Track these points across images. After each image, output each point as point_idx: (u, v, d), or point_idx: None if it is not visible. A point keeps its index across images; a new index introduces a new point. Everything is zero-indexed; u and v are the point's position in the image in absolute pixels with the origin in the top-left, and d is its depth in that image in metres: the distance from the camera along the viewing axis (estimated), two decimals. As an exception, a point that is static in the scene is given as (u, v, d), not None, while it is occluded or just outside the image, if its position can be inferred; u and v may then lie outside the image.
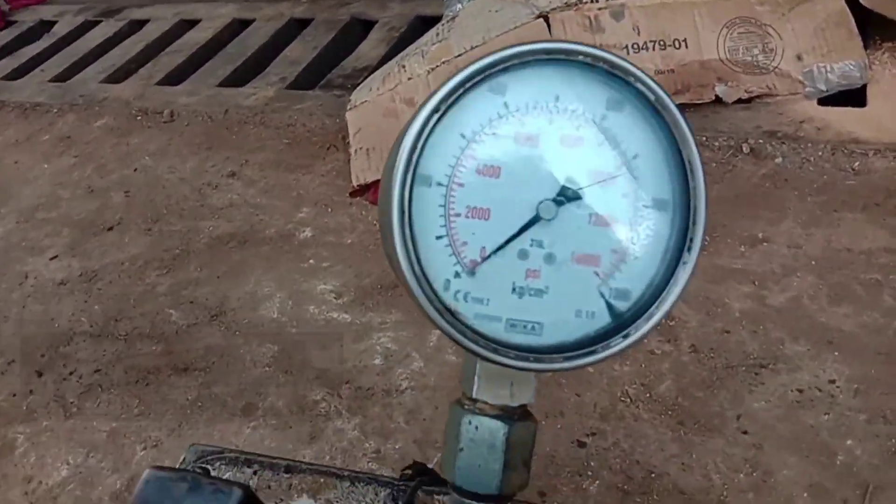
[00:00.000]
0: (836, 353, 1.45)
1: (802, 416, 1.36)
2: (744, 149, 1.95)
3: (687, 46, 2.09)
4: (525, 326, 0.44)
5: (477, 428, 0.47)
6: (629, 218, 0.44)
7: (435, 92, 0.42)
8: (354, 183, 2.09)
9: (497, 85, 0.43)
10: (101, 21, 3.56)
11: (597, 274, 0.44)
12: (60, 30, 3.56)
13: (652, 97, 0.43)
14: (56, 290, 2.05)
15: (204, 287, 1.93)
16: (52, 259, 2.17)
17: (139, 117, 2.74)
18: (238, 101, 2.68)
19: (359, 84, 2.39)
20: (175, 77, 2.97)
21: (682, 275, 0.44)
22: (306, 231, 2.05)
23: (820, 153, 1.90)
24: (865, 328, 1.48)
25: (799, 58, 2.07)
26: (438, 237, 0.43)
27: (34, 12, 3.79)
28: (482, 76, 0.42)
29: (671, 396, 1.45)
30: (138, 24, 3.45)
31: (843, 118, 1.98)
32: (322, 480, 0.79)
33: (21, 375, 1.81)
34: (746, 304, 1.58)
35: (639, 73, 0.43)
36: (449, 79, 0.42)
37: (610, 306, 0.44)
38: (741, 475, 1.30)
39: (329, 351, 1.68)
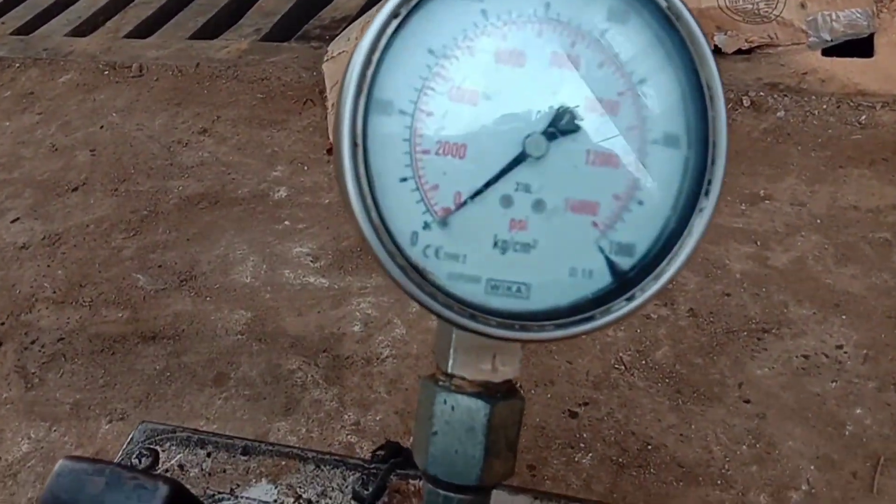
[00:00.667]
0: (844, 317, 1.37)
1: (808, 384, 1.29)
2: (744, 102, 1.86)
3: (685, -7, 1.98)
4: (509, 288, 0.38)
5: (453, 408, 0.40)
6: (634, 156, 0.38)
7: None
8: (332, 139, 1.98)
9: None
10: (66, -29, 3.39)
11: (595, 224, 0.38)
12: (23, -20, 3.39)
13: (664, 4, 0.36)
14: (17, 255, 1.94)
15: (173, 250, 1.83)
16: (13, 222, 2.06)
17: (106, 72, 2.61)
18: (210, 55, 2.54)
19: (337, 35, 2.27)
20: (144, 29, 2.85)
21: (699, 224, 0.37)
22: (281, 191, 1.94)
23: (824, 106, 1.80)
24: (874, 290, 1.40)
25: (802, 5, 1.96)
26: (403, 179, 0.36)
27: (-4, -38, 3.61)
28: None
29: (668, 363, 1.37)
30: (105, -26, 3.28)
31: (848, 69, 1.88)
32: (284, 463, 0.72)
33: (-21, 345, 1.71)
34: (748, 266, 1.49)
35: None
36: None
37: (610, 263, 0.38)
38: (743, 447, 1.23)
39: (305, 317, 1.58)
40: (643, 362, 1.38)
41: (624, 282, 0.38)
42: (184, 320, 1.65)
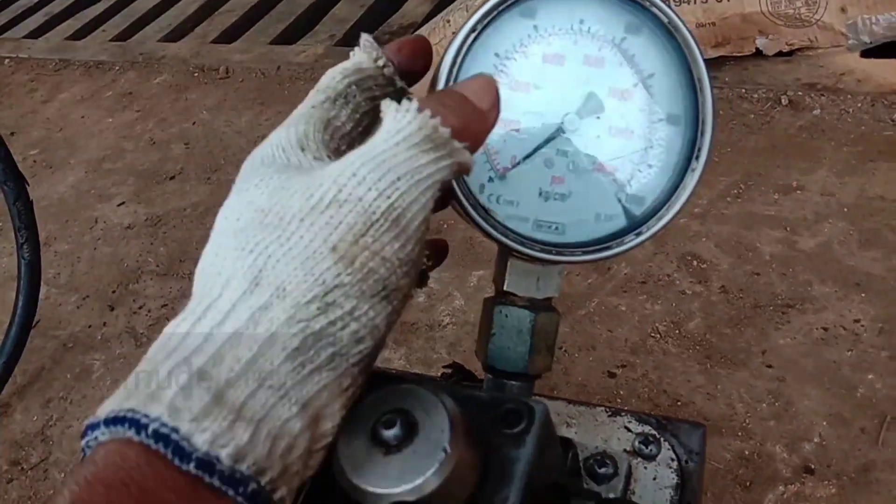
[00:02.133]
0: (863, 295, 1.50)
1: (826, 353, 1.43)
2: (782, 101, 1.98)
3: (728, 0, 2.11)
4: (550, 226, 0.49)
5: (507, 316, 0.51)
6: (645, 131, 0.48)
7: (472, 14, 0.47)
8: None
9: (527, 9, 0.48)
10: (157, -18, 3.68)
11: (615, 181, 0.48)
12: (119, -9, 3.70)
13: (665, 20, 0.47)
14: (124, 234, 2.20)
15: (260, 231, 2.05)
16: (119, 205, 2.32)
17: (196, 74, 2.86)
18: (289, 59, 2.77)
19: (405, 39, 2.46)
20: (229, 35, 3.08)
21: (691, 181, 0.48)
22: (355, 180, 2.14)
23: (859, 104, 1.92)
24: (893, 272, 1.53)
25: (843, 10, 2.07)
26: None
27: (94, -26, 3.93)
28: (513, 1, 0.47)
29: (699, 333, 1.52)
30: (193, -15, 3.56)
31: (885, 70, 1.98)
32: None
33: (95, 309, 1.97)
34: (777, 249, 1.63)
35: None
36: (484, 2, 0.47)
37: (626, 210, 0.49)
38: (763, 405, 1.37)
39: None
40: (677, 332, 1.54)
41: (634, 223, 0.49)
42: (270, 291, 1.87)
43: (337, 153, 0.39)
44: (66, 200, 2.39)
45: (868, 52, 2.05)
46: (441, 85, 0.47)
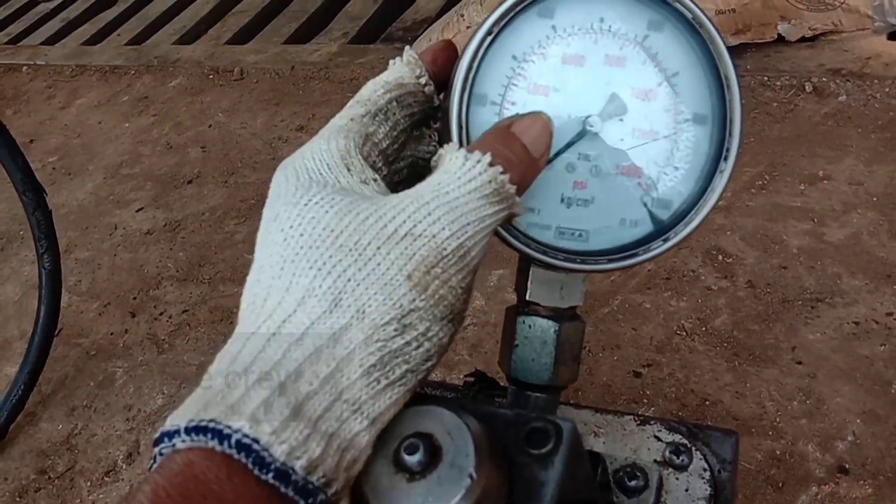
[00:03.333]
0: (895, 287, 1.46)
1: (857, 348, 1.39)
2: (806, 88, 1.94)
3: (749, -15, 2.06)
4: (573, 234, 0.47)
5: (530, 326, 0.49)
6: (671, 131, 0.46)
7: (488, 16, 0.46)
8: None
9: (545, 9, 0.46)
10: (170, -15, 3.69)
11: (640, 185, 0.46)
12: (133, -5, 3.71)
13: (690, 16, 0.45)
14: (143, 240, 2.21)
15: (278, 234, 2.04)
16: (137, 211, 2.32)
17: (211, 76, 2.87)
18: (303, 58, 2.76)
19: (418, 36, 2.45)
20: (243, 36, 3.08)
21: (720, 182, 0.46)
22: (372, 180, 2.13)
23: (887, 89, 1.87)
24: (926, 262, 1.48)
25: (868, -8, 2.02)
26: None
27: (108, -21, 3.95)
28: (530, 1, 0.45)
29: (727, 330, 1.49)
30: (205, -14, 3.56)
31: (912, 53, 1.93)
32: None
33: (116, 316, 1.97)
34: (804, 241, 1.59)
35: None
36: (500, 3, 0.45)
37: (652, 214, 0.47)
38: (794, 402, 1.34)
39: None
40: (703, 329, 1.51)
41: (662, 228, 0.47)
42: (290, 294, 1.86)
43: (375, 170, 0.42)
44: (85, 207, 2.40)
45: (895, 35, 2.00)
46: (457, 90, 0.45)
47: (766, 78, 1.99)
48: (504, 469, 0.40)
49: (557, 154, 0.46)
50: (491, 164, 0.39)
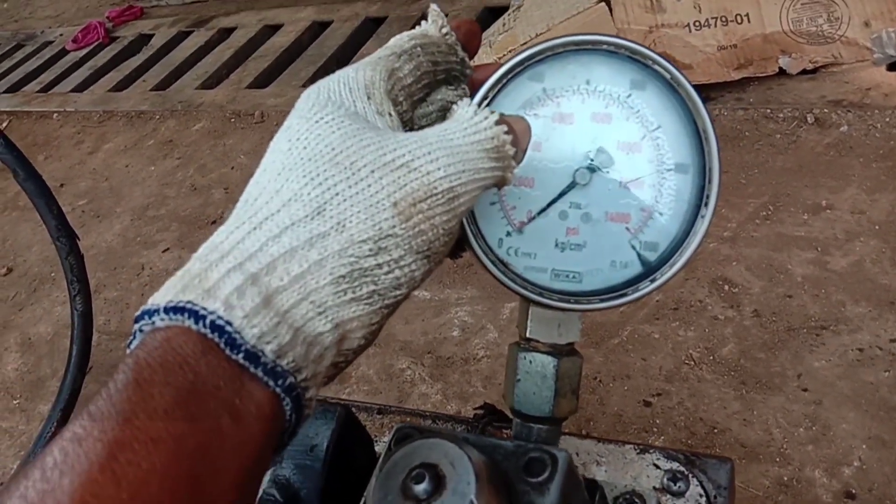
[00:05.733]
0: (898, 314, 1.49)
1: (862, 374, 1.42)
2: (808, 119, 1.98)
3: (749, 21, 2.12)
4: (567, 276, 0.51)
5: (531, 362, 0.53)
6: (654, 180, 0.49)
7: (482, 85, 0.50)
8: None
9: (535, 74, 0.50)
10: (193, 31, 3.82)
11: (628, 229, 0.50)
12: (157, 42, 3.85)
13: (668, 76, 0.49)
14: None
15: (298, 271, 2.11)
16: (164, 251, 2.41)
17: (232, 119, 2.97)
18: (321, 100, 2.85)
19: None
20: (262, 80, 3.19)
21: (701, 227, 0.49)
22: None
23: (887, 119, 1.91)
24: (929, 289, 1.52)
25: (866, 24, 2.07)
26: (492, 203, 0.51)
27: (133, 27, 4.10)
28: (522, 67, 0.50)
29: (734, 358, 1.53)
30: (227, 32, 3.69)
31: (912, 83, 1.97)
32: (409, 419, 0.94)
33: (144, 354, 2.04)
34: (808, 270, 1.63)
35: (656, 56, 0.49)
36: (493, 73, 0.50)
37: (640, 257, 0.50)
38: (801, 429, 1.37)
39: (411, 325, 1.83)
40: (711, 358, 1.54)
41: (650, 269, 0.50)
42: (310, 330, 1.92)
43: (395, 105, 0.44)
44: (113, 248, 2.50)
45: (894, 66, 2.05)
46: None
47: (768, 110, 2.04)
48: (504, 495, 0.45)
49: (551, 203, 0.50)
50: (497, 124, 0.41)
